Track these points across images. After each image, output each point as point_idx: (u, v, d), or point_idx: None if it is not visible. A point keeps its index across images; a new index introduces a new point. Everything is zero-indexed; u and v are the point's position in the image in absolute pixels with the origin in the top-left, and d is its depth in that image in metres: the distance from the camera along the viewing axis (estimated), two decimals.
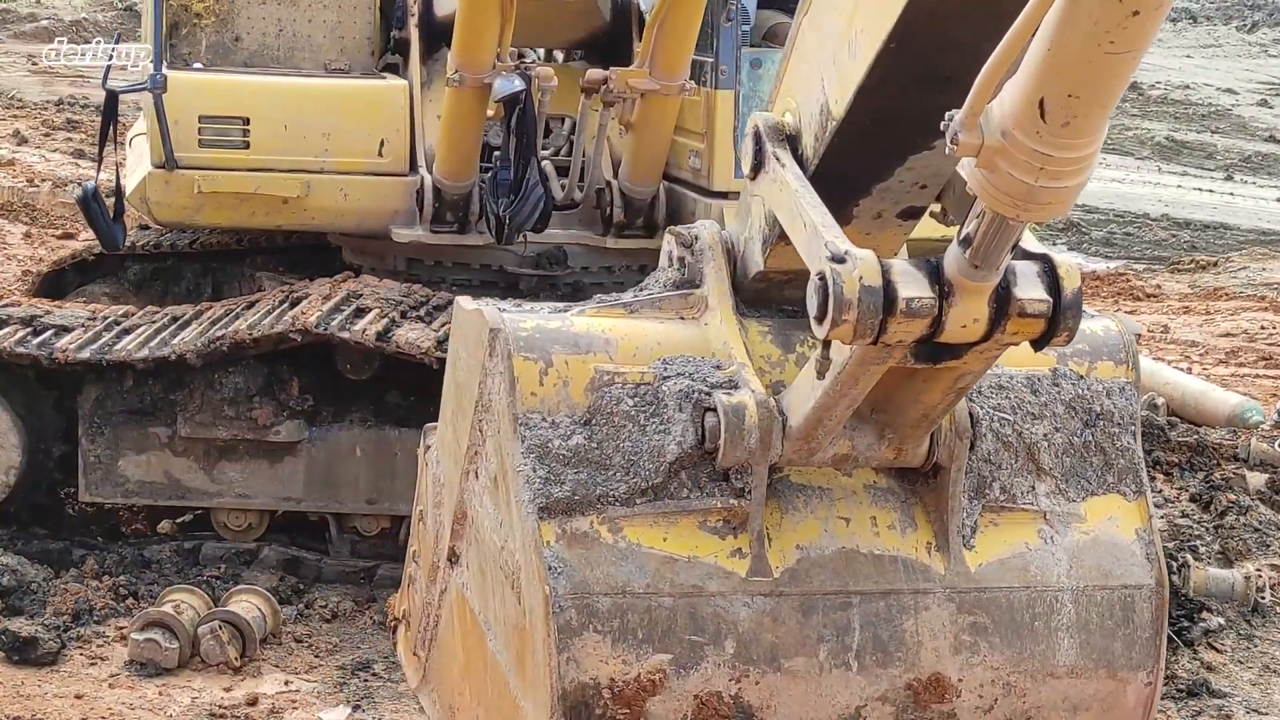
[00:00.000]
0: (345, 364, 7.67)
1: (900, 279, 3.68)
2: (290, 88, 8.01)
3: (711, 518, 4.26)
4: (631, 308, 4.44)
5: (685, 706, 4.22)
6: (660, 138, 7.97)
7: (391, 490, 7.75)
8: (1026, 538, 4.52)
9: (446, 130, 7.81)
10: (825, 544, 4.34)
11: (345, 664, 6.85)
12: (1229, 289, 15.96)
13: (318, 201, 7.93)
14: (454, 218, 8.01)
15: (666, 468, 4.20)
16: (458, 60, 7.48)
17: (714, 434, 4.16)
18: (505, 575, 4.37)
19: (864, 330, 3.65)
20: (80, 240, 13.74)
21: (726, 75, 7.91)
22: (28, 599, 7.16)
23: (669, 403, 4.23)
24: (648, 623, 4.19)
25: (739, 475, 4.22)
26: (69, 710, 6.25)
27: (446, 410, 4.83)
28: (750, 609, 4.26)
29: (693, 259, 4.52)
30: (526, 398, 4.20)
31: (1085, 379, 4.62)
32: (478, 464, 4.53)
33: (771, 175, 4.15)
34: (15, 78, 23.80)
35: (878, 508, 4.44)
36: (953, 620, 4.41)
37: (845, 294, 3.63)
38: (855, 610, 4.33)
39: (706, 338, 4.39)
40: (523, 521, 4.17)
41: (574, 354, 4.26)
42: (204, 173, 7.77)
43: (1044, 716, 4.52)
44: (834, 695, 4.33)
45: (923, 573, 4.41)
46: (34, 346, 7.62)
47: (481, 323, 4.34)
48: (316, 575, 7.77)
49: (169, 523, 8.20)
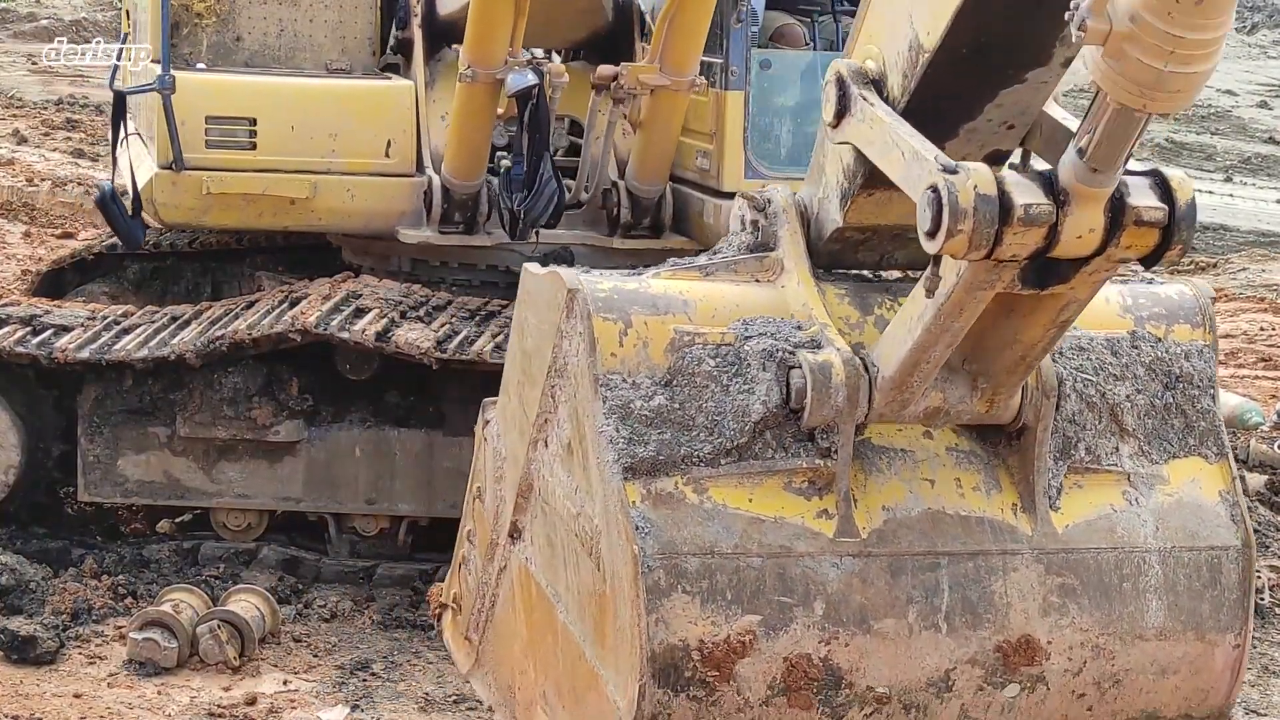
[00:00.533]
0: (345, 364, 7.67)
1: (1014, 188, 3.62)
2: (297, 88, 8.00)
3: (797, 478, 4.22)
4: (707, 270, 4.40)
5: (774, 669, 4.17)
6: (668, 136, 7.97)
7: (391, 490, 7.76)
8: (1111, 499, 4.49)
9: (457, 127, 7.80)
10: (911, 505, 4.30)
11: (344, 664, 6.84)
12: (1228, 290, 15.95)
13: (325, 202, 7.91)
14: (462, 218, 8.00)
15: (751, 427, 4.15)
16: (470, 56, 7.46)
17: (800, 393, 4.11)
18: (581, 543, 4.31)
19: (979, 241, 3.59)
20: (80, 240, 13.75)
21: (737, 76, 7.91)
22: (27, 598, 7.16)
23: (752, 362, 4.18)
24: (736, 583, 4.13)
25: (824, 435, 4.17)
26: (68, 709, 6.24)
27: (511, 380, 4.77)
28: (839, 570, 4.21)
29: (766, 222, 4.49)
30: (606, 358, 4.15)
31: (1163, 341, 4.58)
32: (548, 432, 4.47)
33: (859, 115, 4.10)
34: (15, 77, 23.80)
35: (961, 470, 4.40)
36: (1041, 581, 4.37)
37: (960, 203, 3.57)
38: (944, 571, 4.29)
39: (784, 299, 4.33)
40: (606, 482, 4.11)
41: (653, 315, 4.20)
42: (212, 174, 7.75)
43: (1132, 680, 4.47)
44: (923, 657, 4.29)
45: (1010, 534, 4.36)
46: (33, 346, 7.61)
47: (558, 284, 4.27)
48: (315, 575, 7.77)
49: (168, 522, 8.19)
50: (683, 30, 7.45)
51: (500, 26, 7.32)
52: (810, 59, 8.40)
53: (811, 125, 8.19)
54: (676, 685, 4.11)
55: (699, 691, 4.13)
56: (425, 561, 7.82)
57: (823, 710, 4.23)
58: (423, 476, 7.74)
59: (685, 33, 7.47)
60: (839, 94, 4.18)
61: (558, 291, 4.29)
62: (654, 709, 4.10)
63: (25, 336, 7.69)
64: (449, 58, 8.53)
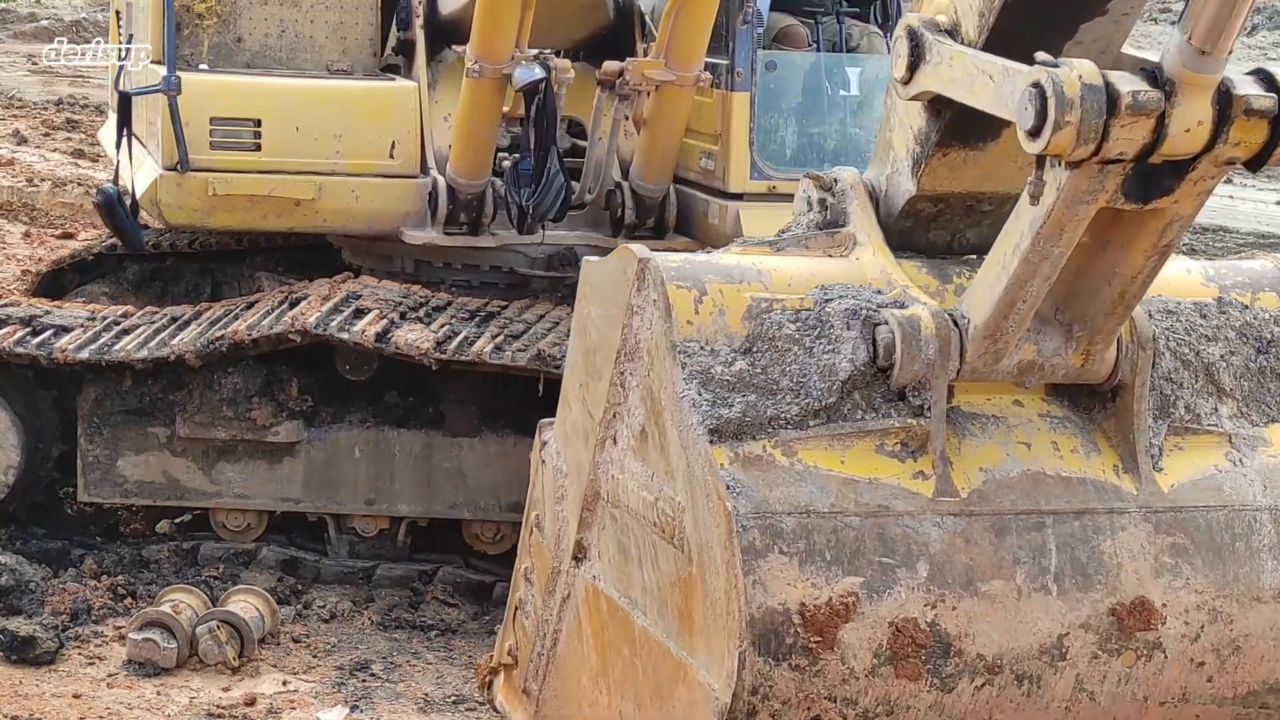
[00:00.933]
0: (344, 364, 7.67)
1: (1119, 79, 3.53)
2: (302, 89, 7.99)
3: (889, 440, 4.10)
4: (777, 246, 4.33)
5: (880, 635, 4.00)
6: (673, 133, 7.97)
7: (390, 491, 7.76)
8: (1215, 460, 4.38)
9: (463, 124, 7.79)
10: (1009, 467, 4.17)
11: (343, 664, 6.84)
12: None
13: (329, 204, 7.90)
14: (467, 219, 8.00)
15: (839, 386, 4.04)
16: (477, 51, 7.46)
17: (888, 348, 4.01)
18: (661, 529, 4.17)
19: (1087, 133, 3.51)
20: (79, 240, 13.74)
21: (743, 78, 7.92)
22: (26, 598, 7.15)
23: (835, 322, 4.06)
24: (835, 544, 3.97)
25: (915, 393, 4.06)
26: (67, 710, 6.24)
27: (570, 389, 4.71)
28: (941, 529, 4.06)
29: (834, 200, 4.43)
30: (683, 325, 4.05)
31: (1250, 308, 4.51)
32: (617, 427, 4.39)
33: (937, 57, 4.03)
34: (15, 77, 23.79)
35: (1057, 434, 4.28)
36: (1151, 541, 4.22)
37: (1066, 93, 3.49)
38: (1050, 530, 4.14)
39: (861, 270, 4.23)
40: (691, 447, 3.98)
41: (728, 283, 4.10)
42: (217, 175, 7.73)
43: (1251, 646, 4.30)
44: (1034, 622, 4.12)
45: (1115, 493, 4.23)
46: (33, 346, 7.61)
47: (627, 259, 4.19)
48: (315, 576, 7.77)
49: (168, 523, 8.19)
50: (688, 25, 7.46)
51: (507, 21, 7.32)
52: (814, 60, 8.42)
53: (816, 126, 8.24)
54: (778, 653, 3.92)
55: (802, 660, 3.94)
56: (424, 562, 7.82)
57: (931, 681, 4.05)
58: (422, 477, 7.74)
59: (690, 27, 7.48)
60: (911, 45, 4.10)
61: (627, 266, 4.19)
62: (755, 680, 3.91)
63: (25, 337, 7.69)
64: (450, 59, 8.53)
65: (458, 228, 8.01)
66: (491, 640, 7.22)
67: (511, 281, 8.28)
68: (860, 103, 8.38)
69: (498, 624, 7.38)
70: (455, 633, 7.31)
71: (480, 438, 7.73)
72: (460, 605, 7.58)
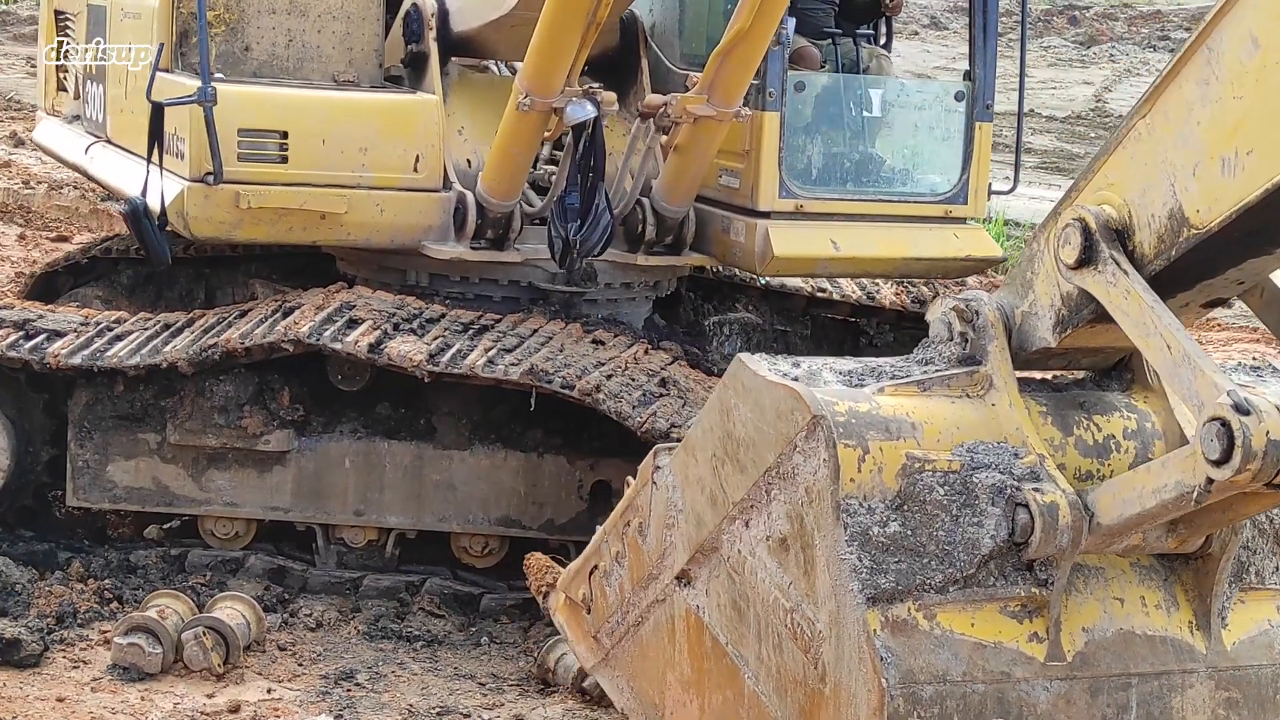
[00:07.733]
0: (337, 374, 7.68)
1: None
2: (327, 101, 7.90)
3: (1012, 603, 4.41)
4: (924, 386, 4.56)
5: None
6: (704, 161, 7.99)
7: (380, 502, 7.76)
8: (1269, 615, 4.74)
9: (502, 151, 7.75)
10: (1106, 626, 4.53)
11: (328, 673, 6.84)
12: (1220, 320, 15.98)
13: (356, 217, 7.81)
14: (494, 235, 7.99)
15: (980, 559, 4.33)
16: (529, 84, 7.41)
17: (1025, 529, 4.30)
18: (793, 635, 4.47)
19: (1264, 476, 3.83)
20: (74, 243, 13.74)
21: (774, 98, 7.97)
22: (12, 600, 7.15)
23: (981, 495, 4.35)
24: (963, 709, 4.32)
25: (1043, 566, 4.38)
26: (50, 713, 6.24)
27: (703, 448, 4.83)
28: (1049, 692, 4.42)
29: (975, 335, 4.63)
30: (846, 484, 4.29)
31: None
32: (754, 516, 4.60)
33: (1109, 277, 4.23)
34: (14, 79, 23.80)
35: (1144, 587, 4.62)
36: (1211, 696, 4.60)
37: (1253, 446, 3.80)
38: (1134, 690, 4.52)
39: (996, 419, 4.50)
40: (849, 610, 4.27)
41: (887, 440, 4.36)
42: (246, 187, 7.62)
43: None
44: None
45: (1189, 652, 4.59)
46: (25, 351, 7.61)
47: (797, 404, 4.38)
48: (302, 585, 7.77)
49: (156, 528, 8.19)
50: (737, 66, 7.47)
51: (564, 58, 7.31)
52: (836, 80, 8.52)
53: (839, 146, 8.34)
54: None
55: None
56: (412, 574, 7.82)
57: None
58: (412, 489, 7.75)
59: (740, 67, 7.49)
60: (1085, 243, 4.28)
61: (795, 411, 4.39)
62: None
63: (18, 341, 7.69)
64: (456, 71, 8.54)
65: (482, 243, 8.01)
66: (478, 652, 7.25)
67: (533, 296, 8.24)
68: (881, 123, 8.46)
69: (485, 636, 7.41)
70: (441, 644, 7.31)
71: (471, 451, 7.73)
72: (447, 617, 7.58)
